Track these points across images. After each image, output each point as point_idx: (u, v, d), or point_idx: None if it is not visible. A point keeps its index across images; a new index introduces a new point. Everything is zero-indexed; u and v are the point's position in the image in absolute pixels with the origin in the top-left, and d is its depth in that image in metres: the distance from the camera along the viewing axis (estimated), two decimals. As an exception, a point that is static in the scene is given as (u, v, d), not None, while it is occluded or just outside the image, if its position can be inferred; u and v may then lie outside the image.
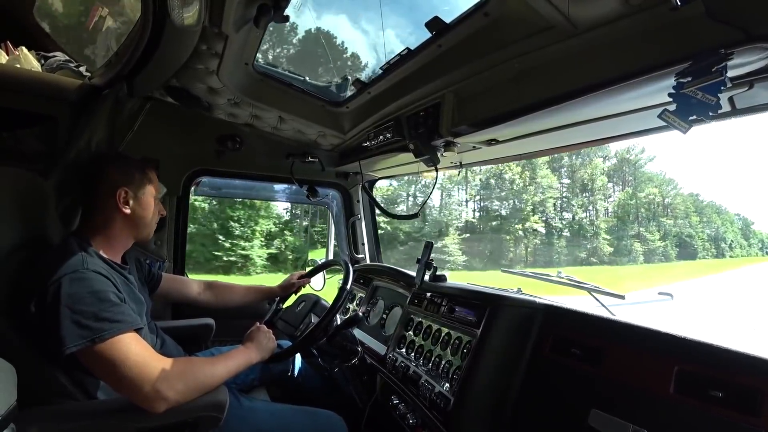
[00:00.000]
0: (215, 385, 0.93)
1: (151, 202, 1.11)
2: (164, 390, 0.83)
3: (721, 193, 73.88)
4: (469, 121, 1.16)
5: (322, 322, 1.25)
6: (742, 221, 46.93)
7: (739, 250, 42.30)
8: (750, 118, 0.89)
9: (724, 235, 40.87)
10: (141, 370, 0.82)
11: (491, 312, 1.12)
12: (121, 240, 1.08)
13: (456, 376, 1.10)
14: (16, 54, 1.17)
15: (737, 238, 43.16)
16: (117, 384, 0.84)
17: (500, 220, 29.40)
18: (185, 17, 0.88)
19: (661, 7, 0.69)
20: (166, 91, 1.39)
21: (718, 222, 41.47)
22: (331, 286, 1.89)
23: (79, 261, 0.88)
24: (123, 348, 0.83)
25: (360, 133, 1.68)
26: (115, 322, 0.84)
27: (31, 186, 1.02)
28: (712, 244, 39.24)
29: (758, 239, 46.81)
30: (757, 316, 8.78)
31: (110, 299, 0.87)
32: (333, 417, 1.21)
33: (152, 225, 1.14)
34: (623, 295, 1.23)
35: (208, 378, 0.92)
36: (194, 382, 0.89)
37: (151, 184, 1.12)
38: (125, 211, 1.04)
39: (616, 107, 0.94)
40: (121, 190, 1.03)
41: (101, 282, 0.88)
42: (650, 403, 0.77)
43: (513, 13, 0.88)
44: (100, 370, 0.85)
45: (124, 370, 0.82)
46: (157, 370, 0.84)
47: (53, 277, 0.83)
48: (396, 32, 21.93)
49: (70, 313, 0.81)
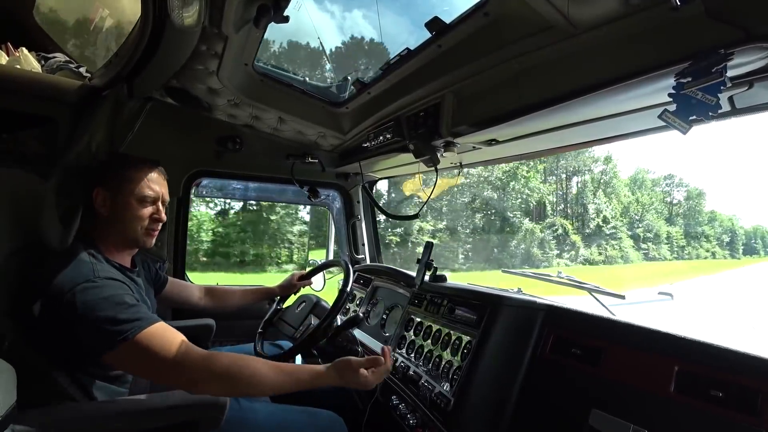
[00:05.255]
0: (260, 386, 0.88)
1: (131, 203, 1.01)
2: (200, 376, 0.84)
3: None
4: (469, 122, 1.16)
5: (323, 323, 1.25)
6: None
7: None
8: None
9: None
10: (170, 360, 0.83)
11: (491, 312, 1.12)
12: (117, 244, 1.04)
13: (456, 376, 1.10)
14: (16, 55, 1.18)
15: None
16: (156, 376, 0.88)
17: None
18: (185, 18, 0.88)
19: (661, 7, 0.69)
20: (166, 92, 1.39)
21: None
22: (331, 286, 1.89)
23: (89, 269, 0.88)
24: (149, 343, 0.83)
25: (360, 133, 1.68)
26: (135, 320, 0.84)
27: (31, 188, 1.01)
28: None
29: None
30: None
31: (126, 301, 0.87)
32: (333, 417, 1.21)
33: (134, 229, 1.02)
34: (623, 295, 1.23)
35: (251, 376, 0.87)
36: (233, 373, 0.86)
37: (132, 183, 1.01)
38: (102, 213, 1.01)
39: (616, 107, 0.94)
40: (96, 190, 1.00)
41: (114, 287, 0.88)
42: (651, 403, 0.77)
43: (513, 13, 0.88)
44: (134, 367, 0.87)
45: (156, 362, 0.83)
46: (188, 356, 0.85)
47: (65, 288, 0.83)
48: (396, 31, 22.01)
49: (90, 321, 0.81)
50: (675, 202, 44.61)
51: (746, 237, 48.78)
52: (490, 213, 28.08)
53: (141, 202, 1.02)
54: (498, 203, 28.54)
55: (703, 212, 45.12)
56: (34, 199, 1.03)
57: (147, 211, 1.04)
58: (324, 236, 18.70)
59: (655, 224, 38.31)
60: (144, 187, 1.03)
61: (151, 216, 1.05)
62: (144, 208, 1.03)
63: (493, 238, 27.52)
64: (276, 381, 0.89)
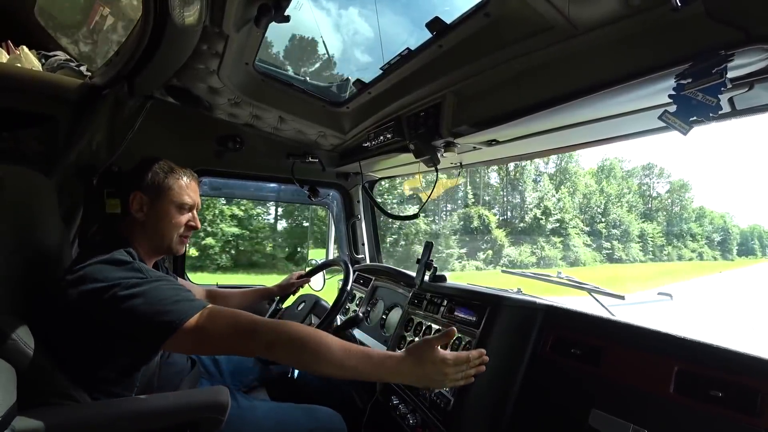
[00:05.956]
0: (325, 361, 0.81)
1: (171, 210, 1.02)
2: (276, 338, 0.81)
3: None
4: (469, 122, 1.16)
5: (323, 322, 1.25)
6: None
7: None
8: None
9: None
10: (244, 326, 0.82)
11: (491, 312, 1.12)
12: (146, 251, 1.02)
13: (456, 376, 1.10)
14: (16, 53, 1.17)
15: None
16: (230, 345, 0.84)
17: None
18: (186, 17, 0.88)
19: (661, 7, 0.69)
20: (167, 91, 1.39)
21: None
22: (330, 286, 1.89)
23: (133, 266, 0.86)
24: (218, 314, 0.83)
25: (360, 133, 1.68)
26: (194, 300, 0.84)
27: (33, 185, 1.01)
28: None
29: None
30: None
31: (179, 286, 0.87)
32: (333, 414, 1.22)
33: (171, 236, 1.03)
34: (623, 296, 1.24)
35: (319, 346, 0.81)
36: (305, 340, 0.81)
37: (172, 190, 1.02)
38: (139, 218, 1.00)
39: (616, 108, 0.94)
40: (134, 194, 0.99)
41: (163, 277, 0.88)
42: (650, 403, 0.77)
43: (513, 14, 0.88)
44: (203, 342, 0.82)
45: (230, 331, 0.82)
46: (260, 321, 0.84)
47: (111, 285, 0.80)
48: (395, 31, 21.89)
49: (146, 310, 0.79)
50: (654, 195, 39.45)
51: (741, 237, 45.21)
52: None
53: (180, 209, 1.04)
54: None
55: (689, 208, 40.86)
56: (36, 196, 1.03)
57: (184, 219, 1.05)
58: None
59: (625, 219, 33.39)
60: (183, 194, 1.04)
61: (187, 223, 1.06)
62: (182, 215, 1.05)
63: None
64: (342, 359, 0.81)
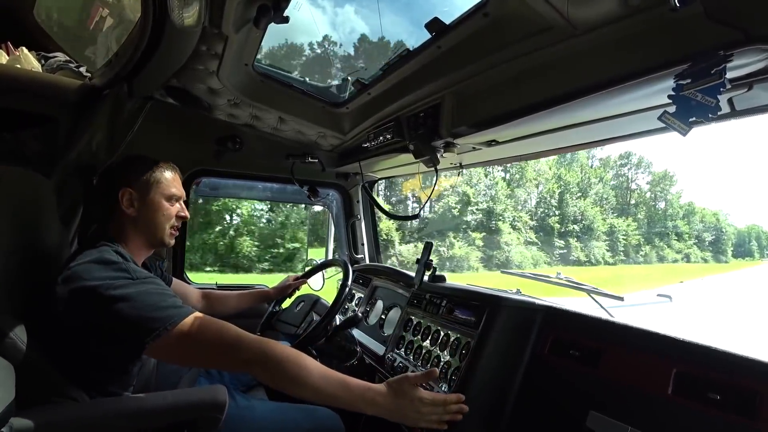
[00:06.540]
0: (303, 385, 0.83)
1: (161, 202, 1.05)
2: (255, 357, 0.83)
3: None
4: (469, 122, 1.16)
5: (323, 322, 1.26)
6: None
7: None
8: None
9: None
10: (227, 339, 0.84)
11: (490, 313, 1.12)
12: (137, 247, 1.04)
13: (455, 377, 1.10)
14: (16, 54, 1.18)
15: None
16: (210, 358, 0.87)
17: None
18: (185, 18, 0.88)
19: (660, 8, 0.69)
20: (167, 92, 1.40)
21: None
22: (330, 285, 1.89)
23: (122, 266, 0.87)
24: (201, 324, 0.84)
25: (360, 133, 1.68)
26: (180, 306, 0.85)
27: (32, 186, 1.02)
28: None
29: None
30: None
31: (167, 291, 0.88)
32: (331, 414, 1.22)
33: (164, 228, 1.06)
34: (622, 297, 1.23)
35: (298, 370, 0.84)
36: (284, 362, 0.84)
37: (161, 183, 1.06)
38: (130, 214, 1.01)
39: (615, 108, 0.94)
40: (123, 191, 1.00)
41: (151, 279, 0.88)
42: (648, 405, 0.77)
43: (512, 14, 0.88)
44: (185, 352, 0.85)
45: (212, 343, 0.84)
46: (244, 337, 0.85)
47: (99, 285, 0.80)
48: (395, 32, 21.65)
49: (133, 313, 0.80)
50: (633, 188, 32.95)
51: (738, 237, 40.82)
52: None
53: (169, 200, 1.08)
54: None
55: (675, 204, 36.17)
56: (35, 196, 1.03)
57: (174, 209, 1.09)
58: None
59: (589, 213, 27.46)
60: (171, 186, 1.09)
61: (177, 214, 1.10)
62: (172, 206, 1.08)
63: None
64: (319, 386, 0.84)
